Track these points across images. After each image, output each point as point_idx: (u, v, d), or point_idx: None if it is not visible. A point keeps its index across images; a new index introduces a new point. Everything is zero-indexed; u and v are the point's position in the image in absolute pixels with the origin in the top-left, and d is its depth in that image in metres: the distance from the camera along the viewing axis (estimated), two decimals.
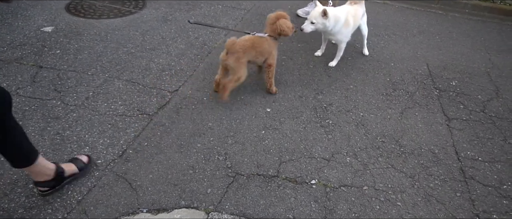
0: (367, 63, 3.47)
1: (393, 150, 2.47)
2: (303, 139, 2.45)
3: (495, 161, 2.49)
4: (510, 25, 4.94)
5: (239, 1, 4.51)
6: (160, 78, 2.90)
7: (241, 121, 2.55)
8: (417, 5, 5.27)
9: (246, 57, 2.63)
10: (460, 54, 3.92)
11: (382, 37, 4.06)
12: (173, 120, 2.50)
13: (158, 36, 3.51)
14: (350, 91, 3.03)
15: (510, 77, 3.58)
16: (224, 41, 3.52)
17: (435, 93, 3.16)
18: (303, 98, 2.87)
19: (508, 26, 4.91)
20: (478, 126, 2.82)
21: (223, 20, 3.95)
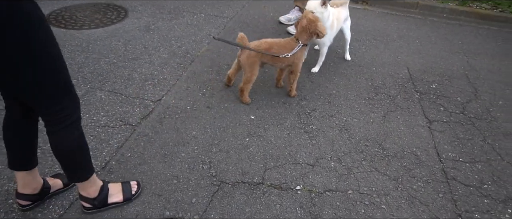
0: (349, 68, 3.50)
1: (377, 153, 2.49)
2: (288, 145, 2.45)
3: (475, 161, 2.53)
4: (486, 29, 5.07)
5: (221, 9, 4.51)
6: (143, 88, 2.87)
7: (225, 129, 2.54)
8: (397, 11, 5.36)
9: (259, 58, 2.62)
10: (439, 58, 3.99)
11: (364, 42, 4.11)
12: (157, 130, 2.47)
13: (140, 46, 3.48)
14: (333, 96, 3.05)
15: (487, 79, 3.66)
16: (207, 49, 3.52)
17: (416, 96, 3.21)
18: (286, 104, 2.87)
19: (484, 29, 5.03)
20: (458, 127, 2.87)
21: (206, 29, 3.95)
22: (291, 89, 2.90)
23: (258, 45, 2.62)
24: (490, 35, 4.88)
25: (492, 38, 4.76)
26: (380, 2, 5.50)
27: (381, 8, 5.38)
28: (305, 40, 2.71)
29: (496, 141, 2.77)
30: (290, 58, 2.68)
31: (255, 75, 2.68)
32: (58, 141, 1.58)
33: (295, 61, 2.74)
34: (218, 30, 3.94)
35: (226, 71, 3.19)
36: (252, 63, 2.62)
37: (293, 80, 2.85)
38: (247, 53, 2.61)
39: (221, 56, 3.44)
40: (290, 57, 2.66)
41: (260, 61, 2.66)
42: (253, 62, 2.62)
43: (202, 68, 3.22)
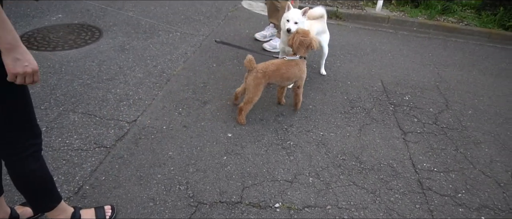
0: (324, 83, 3.53)
1: (354, 167, 2.49)
2: (265, 162, 2.43)
3: (449, 171, 2.57)
4: (453, 41, 5.24)
5: (197, 27, 4.50)
6: (118, 109, 2.81)
7: (202, 148, 2.50)
8: (369, 25, 5.48)
9: (266, 80, 2.64)
10: (411, 70, 4.08)
11: (338, 57, 4.17)
12: (132, 151, 2.41)
13: (115, 66, 3.42)
14: (310, 111, 3.06)
15: (457, 89, 3.76)
16: (183, 68, 3.49)
17: (390, 108, 3.25)
18: (263, 121, 2.86)
19: (452, 42, 5.20)
20: (432, 138, 2.91)
21: (181, 47, 3.92)
22: (296, 103, 2.98)
23: (266, 67, 2.65)
24: (458, 47, 5.04)
25: (460, 50, 4.91)
26: (353, 17, 5.62)
27: (354, 23, 5.49)
28: (304, 53, 2.78)
29: (468, 150, 2.83)
30: (297, 73, 2.76)
31: (257, 96, 2.69)
32: (17, 173, 1.52)
33: (302, 75, 2.84)
34: (194, 48, 3.92)
35: (202, 90, 3.17)
36: (258, 84, 2.63)
37: (299, 95, 2.93)
38: (254, 75, 2.62)
39: (197, 74, 3.41)
40: (298, 72, 2.76)
41: (266, 82, 2.68)
42: (259, 83, 2.64)
43: (178, 87, 3.18)
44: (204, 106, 2.96)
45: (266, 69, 2.64)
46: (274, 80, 2.72)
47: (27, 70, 1.27)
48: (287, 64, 2.73)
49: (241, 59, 3.79)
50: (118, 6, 4.93)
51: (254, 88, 2.64)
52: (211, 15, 4.97)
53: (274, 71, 2.67)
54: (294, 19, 2.98)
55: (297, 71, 2.76)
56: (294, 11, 3.03)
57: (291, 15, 3.00)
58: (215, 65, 3.63)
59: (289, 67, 2.72)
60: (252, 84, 2.62)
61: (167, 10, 4.97)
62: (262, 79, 2.62)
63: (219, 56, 3.81)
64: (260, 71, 2.61)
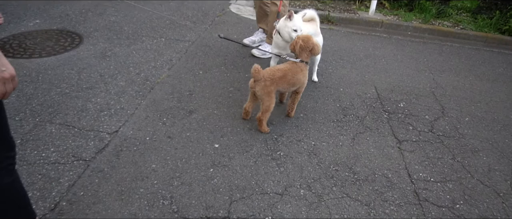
0: (316, 90, 3.54)
1: (347, 178, 2.48)
2: (254, 174, 2.41)
3: (446, 181, 2.58)
4: (449, 46, 5.30)
5: (183, 33, 4.49)
6: (98, 119, 2.77)
7: (188, 160, 2.47)
8: (362, 30, 5.53)
9: (275, 87, 2.70)
10: (406, 76, 4.11)
11: (330, 63, 4.18)
12: (113, 164, 2.37)
13: (96, 74, 3.38)
14: (301, 120, 3.05)
15: (453, 95, 3.79)
16: (168, 75, 3.47)
17: (384, 116, 3.26)
18: (252, 130, 2.84)
19: (448, 47, 5.26)
20: (428, 146, 2.92)
21: (166, 54, 3.90)
22: (292, 109, 3.03)
23: (272, 73, 2.69)
24: (453, 52, 5.10)
25: (456, 55, 4.97)
26: (346, 21, 5.66)
27: (346, 27, 5.53)
28: (307, 58, 2.84)
29: (465, 158, 2.84)
30: (301, 78, 2.83)
31: (273, 103, 2.74)
32: None
33: (305, 81, 2.91)
34: (179, 55, 3.90)
35: (188, 98, 3.15)
36: (270, 92, 2.68)
37: (296, 101, 3.00)
38: (263, 83, 2.65)
39: (182, 82, 3.39)
40: (302, 78, 2.83)
41: (275, 89, 2.73)
42: (270, 91, 2.68)
43: (163, 96, 3.15)
44: (190, 115, 2.94)
45: (273, 76, 2.68)
46: (281, 87, 2.77)
47: (4, 75, 1.24)
48: (293, 70, 2.78)
49: (229, 66, 3.79)
50: (100, 11, 4.91)
51: (267, 96, 2.69)
52: (197, 20, 4.97)
53: (281, 77, 2.72)
54: (301, 28, 3.06)
55: (302, 77, 2.83)
56: (298, 19, 3.08)
57: (298, 24, 3.06)
58: (201, 72, 3.62)
59: (295, 73, 2.78)
60: (264, 93, 2.67)
61: (151, 15, 4.95)
62: (271, 86, 2.68)
63: (206, 63, 3.80)
64: (268, 80, 2.66)
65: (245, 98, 3.24)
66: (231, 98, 3.23)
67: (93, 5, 5.06)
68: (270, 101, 2.70)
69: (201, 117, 2.93)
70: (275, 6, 3.81)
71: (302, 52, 2.82)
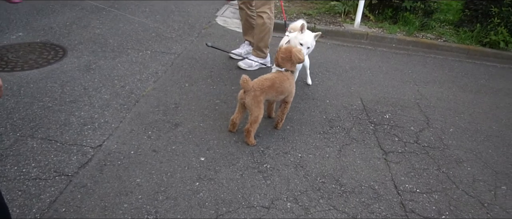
0: (302, 102, 3.55)
1: (334, 190, 2.48)
2: (241, 188, 2.39)
3: (432, 192, 2.60)
4: (432, 58, 5.40)
5: (169, 45, 4.48)
6: (81, 133, 2.73)
7: (173, 174, 2.44)
8: (348, 42, 5.60)
9: (264, 96, 2.74)
10: (391, 87, 4.16)
11: (316, 75, 4.21)
12: (96, 179, 2.33)
13: (79, 87, 3.34)
14: (287, 132, 3.05)
15: (437, 106, 3.85)
16: (153, 88, 3.44)
17: (370, 127, 3.29)
18: (239, 143, 2.83)
19: (431, 58, 5.36)
20: (413, 157, 2.95)
21: (152, 66, 3.88)
22: (282, 120, 3.05)
23: (261, 83, 2.73)
24: (437, 63, 5.20)
25: (439, 67, 5.06)
26: (331, 34, 5.73)
27: (332, 39, 5.59)
28: (291, 67, 2.89)
29: (450, 169, 2.87)
30: (289, 88, 2.88)
31: (262, 113, 2.75)
32: None
33: (292, 90, 2.96)
34: (165, 67, 3.89)
35: (174, 111, 3.13)
36: (259, 102, 2.70)
37: (286, 111, 3.03)
38: (253, 93, 2.68)
39: (168, 95, 3.37)
40: (289, 86, 2.87)
41: (264, 99, 2.77)
42: (260, 101, 2.71)
43: (148, 109, 3.13)
44: (176, 128, 2.92)
45: (262, 86, 2.72)
46: (270, 96, 2.80)
47: None
48: (280, 78, 2.82)
49: (215, 78, 3.78)
50: (84, 23, 4.87)
51: (257, 106, 2.71)
52: (183, 33, 4.97)
53: (270, 86, 2.75)
54: (308, 44, 3.13)
55: (288, 86, 2.87)
56: (308, 35, 3.14)
57: (306, 39, 3.13)
58: (187, 84, 3.61)
59: (282, 81, 2.82)
60: (254, 103, 2.69)
61: (137, 28, 4.94)
62: (260, 96, 2.71)
63: (192, 75, 3.79)
64: (258, 89, 2.69)
65: (231, 110, 3.23)
66: (217, 111, 3.22)
67: (78, 18, 5.03)
68: (259, 112, 2.72)
69: (187, 130, 2.91)
70: (261, 18, 3.84)
71: (285, 62, 2.87)
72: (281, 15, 6.18)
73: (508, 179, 2.85)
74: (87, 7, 5.51)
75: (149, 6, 5.91)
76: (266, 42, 4.01)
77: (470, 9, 6.42)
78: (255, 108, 2.71)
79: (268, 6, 3.82)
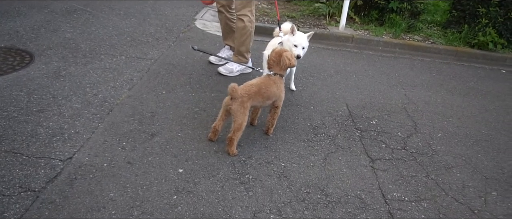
0: (285, 109, 3.57)
1: (319, 200, 2.49)
2: (221, 200, 2.38)
3: (421, 199, 2.63)
4: (420, 60, 5.50)
5: (145, 50, 4.45)
6: (50, 145, 2.68)
7: (149, 187, 2.41)
8: (332, 45, 5.66)
9: (251, 102, 2.77)
10: (378, 92, 4.22)
11: (300, 80, 4.24)
12: (66, 194, 2.28)
13: (48, 96, 3.28)
14: (270, 141, 3.06)
15: (425, 111, 3.91)
16: (128, 96, 3.41)
17: (356, 134, 3.32)
18: (219, 153, 2.82)
19: (419, 61, 5.46)
20: (401, 164, 2.99)
21: (126, 73, 3.85)
22: (272, 125, 3.10)
23: (248, 89, 2.75)
24: (425, 66, 5.29)
25: (427, 69, 5.16)
26: (315, 37, 5.77)
27: (316, 43, 5.64)
28: (280, 70, 2.94)
29: (439, 175, 2.92)
30: (277, 92, 2.92)
31: (246, 121, 2.77)
32: None
33: (281, 94, 3.00)
34: (141, 74, 3.86)
35: (150, 120, 3.10)
36: (245, 108, 2.73)
37: (276, 116, 3.07)
38: (240, 101, 2.69)
39: (144, 103, 3.34)
40: (276, 91, 2.91)
41: (250, 105, 2.79)
42: (246, 107, 2.73)
43: (122, 118, 3.09)
44: (152, 138, 2.89)
45: (249, 92, 2.74)
46: (256, 102, 2.83)
47: None
48: (266, 83, 2.86)
49: (194, 85, 3.77)
50: (54, 27, 4.81)
51: (242, 113, 2.72)
52: (160, 37, 4.95)
53: (257, 92, 2.78)
54: (302, 44, 3.27)
55: (276, 90, 2.90)
56: (301, 36, 3.28)
57: (299, 40, 3.27)
58: (164, 92, 3.58)
59: (268, 86, 2.85)
60: (241, 110, 2.71)
61: (111, 31, 4.89)
62: (247, 102, 2.73)
63: (170, 82, 3.77)
64: (245, 96, 2.71)
65: (211, 118, 3.22)
66: (196, 119, 3.21)
67: (46, 21, 4.95)
68: (243, 119, 2.73)
69: (164, 140, 2.89)
70: (242, 22, 3.84)
71: (275, 65, 2.92)
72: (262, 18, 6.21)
73: (499, 184, 2.91)
74: (57, 9, 5.43)
75: (124, 9, 5.87)
76: (247, 47, 4.02)
77: (457, 10, 6.58)
78: (240, 115, 2.71)
79: (249, 9, 3.83)
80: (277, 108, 3.04)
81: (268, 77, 2.90)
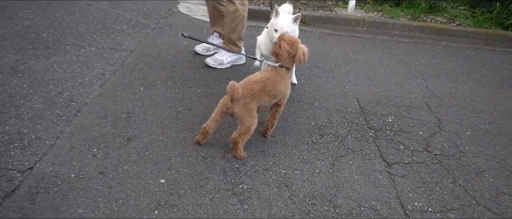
0: (286, 106, 3.56)
1: (327, 213, 2.49)
2: (211, 215, 2.38)
3: (447, 210, 2.64)
4: (444, 46, 5.51)
5: (119, 40, 4.45)
6: (6, 154, 2.67)
7: (125, 201, 2.41)
8: (340, 30, 5.67)
9: (256, 102, 2.76)
10: (394, 84, 4.23)
11: (303, 72, 4.24)
12: (26, 211, 2.28)
13: (3, 95, 3.28)
14: (268, 144, 3.06)
15: (451, 105, 3.92)
16: (99, 94, 3.40)
17: (369, 134, 3.32)
18: (208, 159, 2.82)
19: (442, 47, 5.47)
20: (423, 169, 2.99)
21: (97, 66, 3.84)
22: (272, 126, 3.10)
23: (250, 88, 2.74)
24: (450, 53, 5.31)
25: (452, 57, 5.17)
26: (320, 20, 5.79)
27: (321, 28, 5.65)
28: (290, 63, 2.93)
29: (468, 181, 2.92)
30: (283, 89, 2.93)
31: (255, 123, 2.78)
32: None
33: (287, 91, 3.01)
34: (114, 67, 3.85)
35: (126, 122, 3.10)
36: (251, 110, 2.73)
37: (277, 115, 3.07)
38: (243, 102, 2.69)
39: (118, 102, 3.34)
40: (284, 88, 2.93)
41: (257, 104, 2.79)
42: (252, 109, 2.73)
43: (93, 120, 3.09)
44: (128, 144, 2.89)
45: (252, 92, 2.73)
46: (262, 101, 2.83)
47: None
48: (273, 79, 2.84)
49: (178, 79, 3.77)
50: (10, 13, 4.79)
51: (249, 115, 2.73)
52: (137, 24, 4.94)
53: (261, 90, 2.77)
54: (284, 29, 3.14)
55: (283, 87, 2.92)
56: (284, 17, 3.18)
57: (281, 23, 3.17)
58: (142, 88, 3.58)
59: (275, 82, 2.84)
60: (245, 113, 2.71)
61: (78, 18, 4.89)
62: (252, 103, 2.73)
63: (149, 77, 3.77)
64: (248, 96, 2.71)
65: (198, 119, 3.22)
66: (180, 120, 3.20)
67: (1, 7, 4.94)
68: (252, 121, 2.74)
69: (143, 145, 2.88)
70: (232, 5, 3.84)
71: (286, 57, 2.88)
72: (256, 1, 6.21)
73: None
74: None
75: None
76: (239, 34, 4.02)
77: None
78: (248, 117, 2.72)
79: None
80: (279, 107, 3.04)
81: (274, 70, 2.88)
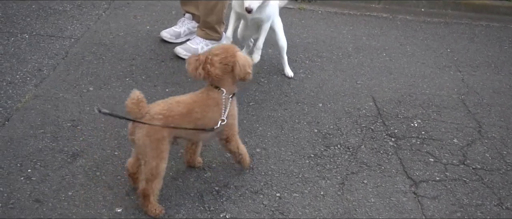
0: (280, 107, 3.56)
1: None
2: None
3: None
4: (484, 27, 5.54)
5: (61, 25, 4.42)
6: None
7: None
8: (350, 8, 5.67)
9: (170, 132, 2.42)
10: (420, 77, 4.23)
11: (302, 63, 4.24)
12: None
13: None
14: (257, 158, 3.05)
15: (494, 104, 3.93)
16: (35, 95, 3.37)
17: (390, 143, 3.32)
18: (179, 180, 2.81)
19: (482, 28, 5.49)
20: (459, 187, 2.99)
21: (32, 60, 3.82)
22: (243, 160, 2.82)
23: (167, 108, 2.43)
24: (492, 35, 5.33)
25: (495, 41, 5.19)
26: None
27: (325, 6, 5.65)
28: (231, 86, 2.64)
29: None
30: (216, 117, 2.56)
31: (164, 162, 2.44)
32: None
33: (230, 121, 2.65)
34: (55, 61, 3.82)
35: (70, 133, 3.08)
36: (158, 141, 2.39)
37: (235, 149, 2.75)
38: (147, 127, 2.35)
39: (60, 107, 3.31)
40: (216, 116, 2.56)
41: (172, 137, 2.47)
42: (159, 139, 2.39)
43: (25, 131, 3.06)
44: (74, 162, 2.87)
45: (169, 113, 2.41)
46: (181, 132, 2.53)
47: None
48: (204, 102, 2.56)
49: (138, 76, 3.76)
50: None
51: (154, 149, 2.39)
52: (84, 4, 4.91)
53: (183, 115, 2.47)
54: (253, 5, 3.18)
55: (218, 116, 2.58)
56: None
57: None
58: (92, 88, 3.56)
59: (205, 107, 2.55)
60: (149, 142, 2.38)
61: None
62: (162, 132, 2.39)
63: (100, 73, 3.75)
64: (159, 119, 2.38)
65: None
66: None
67: None
68: (158, 158, 2.40)
69: (93, 163, 2.86)
70: None
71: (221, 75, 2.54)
72: None
73: None
74: None
75: None
76: (219, 16, 4.01)
77: None
78: (150, 151, 2.39)
79: None
80: (227, 142, 2.72)
81: (207, 92, 2.59)
